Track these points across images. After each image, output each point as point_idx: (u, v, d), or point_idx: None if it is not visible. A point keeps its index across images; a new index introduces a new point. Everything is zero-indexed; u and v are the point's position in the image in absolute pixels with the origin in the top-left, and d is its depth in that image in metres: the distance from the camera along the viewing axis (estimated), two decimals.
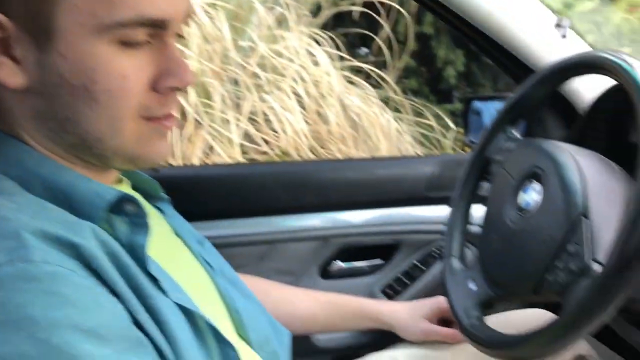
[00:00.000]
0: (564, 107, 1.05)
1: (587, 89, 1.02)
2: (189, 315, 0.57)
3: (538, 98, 0.88)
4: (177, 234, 0.73)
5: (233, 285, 0.76)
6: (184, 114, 2.17)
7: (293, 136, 2.18)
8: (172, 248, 0.70)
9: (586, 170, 0.74)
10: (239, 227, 1.18)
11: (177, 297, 0.57)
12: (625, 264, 0.60)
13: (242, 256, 1.16)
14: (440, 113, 3.04)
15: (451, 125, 2.95)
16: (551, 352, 0.67)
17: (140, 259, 0.55)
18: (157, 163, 0.62)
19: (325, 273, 1.23)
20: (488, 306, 0.84)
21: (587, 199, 0.71)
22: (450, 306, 0.86)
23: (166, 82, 0.57)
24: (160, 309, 0.54)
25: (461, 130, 1.17)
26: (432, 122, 2.89)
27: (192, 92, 2.20)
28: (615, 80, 0.72)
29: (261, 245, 1.19)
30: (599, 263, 0.66)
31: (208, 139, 2.16)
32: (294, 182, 1.20)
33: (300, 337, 1.14)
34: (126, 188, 0.68)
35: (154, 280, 0.56)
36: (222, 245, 0.85)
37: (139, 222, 0.58)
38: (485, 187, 0.93)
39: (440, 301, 0.97)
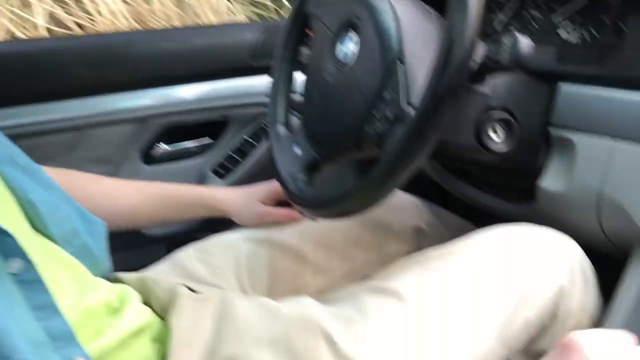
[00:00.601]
0: None
1: None
2: None
3: None
4: None
5: (28, 176, 0.65)
6: None
7: (110, 18, 1.94)
8: None
9: (401, 14, 0.70)
10: (38, 113, 1.02)
11: None
12: (437, 105, 0.58)
13: (46, 147, 1.02)
14: None
15: (286, 4, 2.83)
16: (374, 201, 0.66)
17: None
18: None
19: (149, 158, 1.13)
20: (314, 168, 0.81)
21: (402, 43, 0.68)
22: (276, 173, 0.83)
23: None
24: None
25: None
26: (267, 1, 2.76)
27: None
28: None
29: (68, 132, 1.05)
30: (413, 107, 0.64)
31: (7, 25, 1.85)
32: (101, 58, 1.05)
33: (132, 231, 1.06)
34: None
35: None
36: (20, 136, 0.73)
37: None
38: (307, 53, 0.88)
39: (275, 184, 0.92)
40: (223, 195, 0.93)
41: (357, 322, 0.62)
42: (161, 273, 0.83)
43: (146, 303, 0.69)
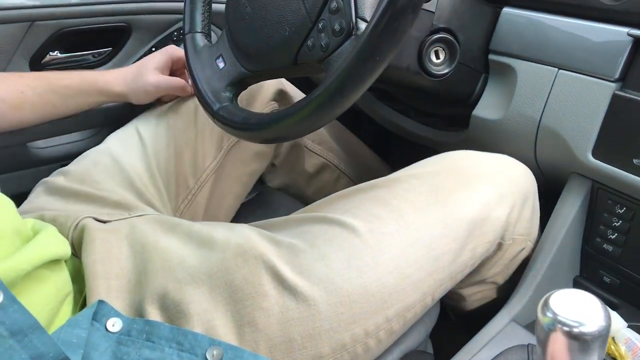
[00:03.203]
0: None
1: None
2: None
3: None
4: None
5: None
6: None
7: None
8: None
9: None
10: None
11: None
12: (396, 18, 0.52)
13: None
14: None
15: None
16: (316, 126, 0.59)
17: None
18: None
19: (39, 66, 0.98)
20: (241, 85, 0.73)
21: None
22: (196, 91, 0.73)
23: None
24: None
25: None
26: None
27: None
28: None
29: None
30: (364, 20, 0.58)
31: None
32: None
33: (19, 147, 0.93)
34: None
35: None
36: None
37: None
38: None
39: (170, 50, 0.88)
40: (114, 76, 0.86)
41: (304, 252, 0.57)
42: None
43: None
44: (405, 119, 0.94)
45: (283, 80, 0.92)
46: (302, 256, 0.56)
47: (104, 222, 0.65)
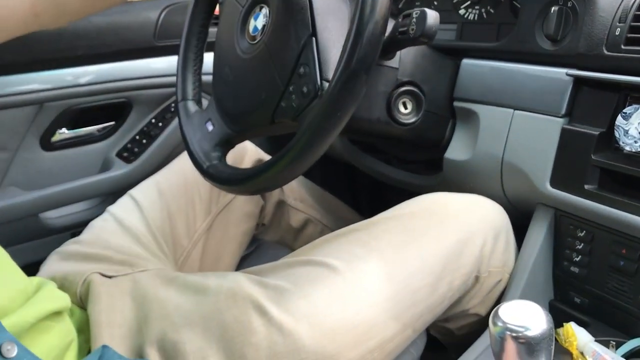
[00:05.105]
0: None
1: None
2: None
3: None
4: None
5: None
6: None
7: None
8: None
9: None
10: None
11: None
12: (351, 79, 0.59)
13: None
14: None
15: None
16: (293, 175, 0.65)
17: None
18: None
19: (48, 144, 1.06)
20: (228, 145, 0.80)
21: (314, 18, 0.68)
22: (189, 152, 0.81)
23: None
24: None
25: None
26: None
27: None
28: None
29: None
30: (328, 81, 0.65)
31: None
32: None
33: (31, 218, 1.00)
34: None
35: None
36: None
37: None
38: (214, 31, 0.86)
39: None
40: None
41: (289, 291, 0.62)
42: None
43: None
44: (388, 167, 1.01)
45: (260, 150, 1.01)
46: (286, 295, 0.62)
47: (110, 277, 0.71)
